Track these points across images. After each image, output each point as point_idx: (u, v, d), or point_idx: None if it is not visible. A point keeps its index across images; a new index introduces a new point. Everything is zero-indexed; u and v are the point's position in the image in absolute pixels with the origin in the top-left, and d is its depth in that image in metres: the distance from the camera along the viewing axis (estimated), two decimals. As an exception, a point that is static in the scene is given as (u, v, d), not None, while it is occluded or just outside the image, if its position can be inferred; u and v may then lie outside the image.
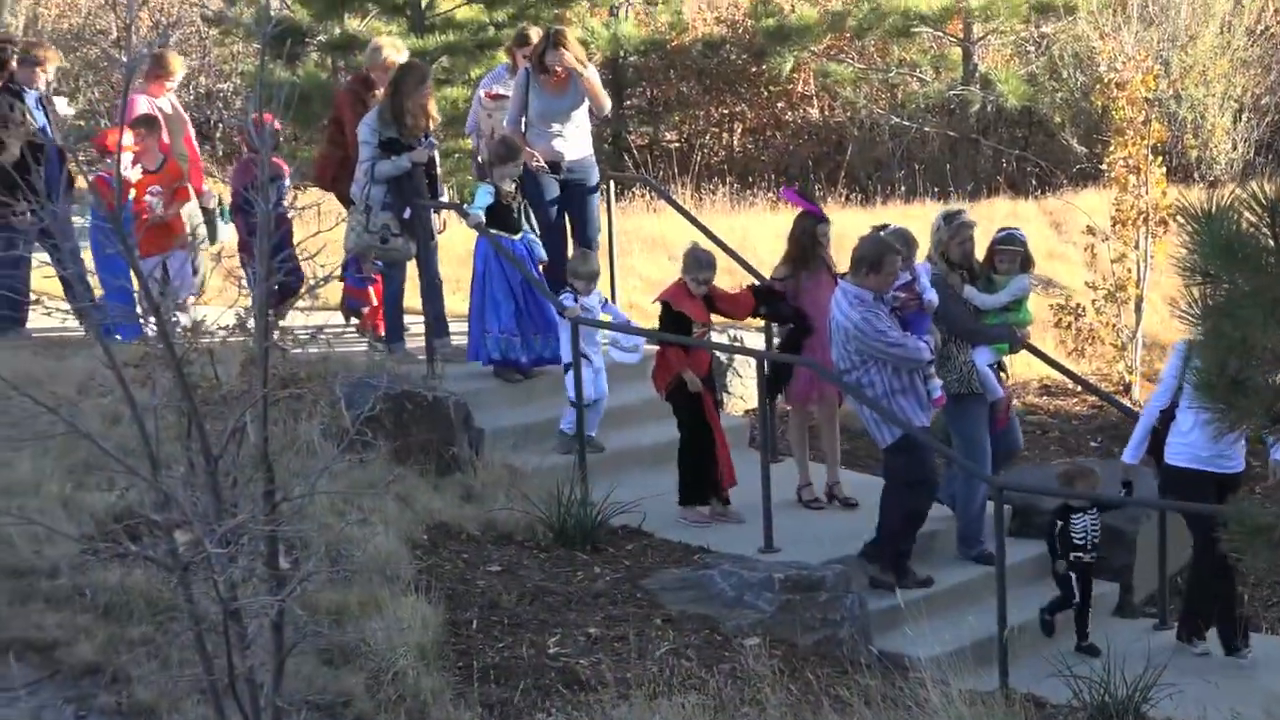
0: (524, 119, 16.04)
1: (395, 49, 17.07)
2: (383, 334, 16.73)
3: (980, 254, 14.47)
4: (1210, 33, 34.07)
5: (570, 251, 16.13)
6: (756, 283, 15.01)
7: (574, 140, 16.11)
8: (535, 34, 16.93)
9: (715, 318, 14.91)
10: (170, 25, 34.87)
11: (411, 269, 16.40)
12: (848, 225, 24.78)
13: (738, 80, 37.32)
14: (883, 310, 13.10)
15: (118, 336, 13.95)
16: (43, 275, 18.84)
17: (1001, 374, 14.44)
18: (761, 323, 16.05)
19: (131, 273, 8.18)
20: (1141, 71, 21.22)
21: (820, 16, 35.03)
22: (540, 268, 15.53)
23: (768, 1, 36.67)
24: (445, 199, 16.69)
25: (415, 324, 16.71)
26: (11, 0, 38.39)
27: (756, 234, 23.56)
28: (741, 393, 17.28)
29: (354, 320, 17.77)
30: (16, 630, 10.28)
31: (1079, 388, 17.91)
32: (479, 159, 16.98)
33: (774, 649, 11.56)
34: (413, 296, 16.67)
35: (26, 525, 10.70)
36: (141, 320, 8.31)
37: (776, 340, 15.33)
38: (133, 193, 16.72)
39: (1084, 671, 11.81)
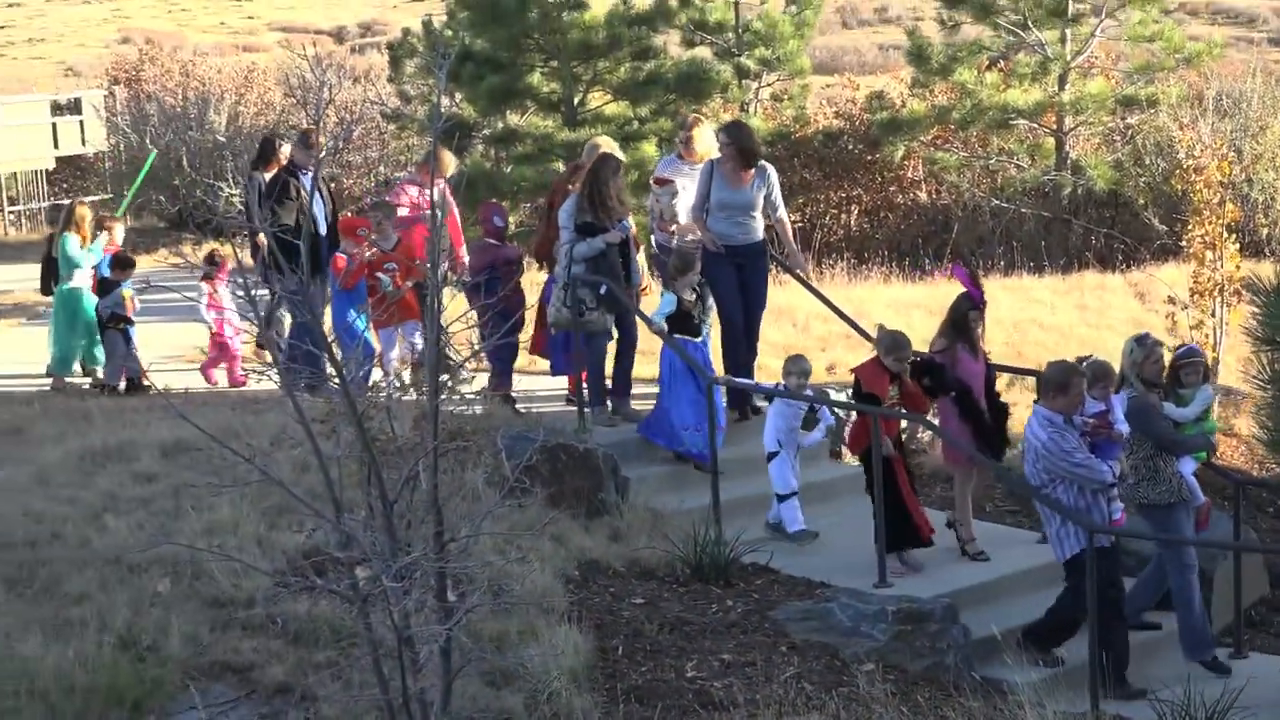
0: (706, 206, 15.89)
1: (611, 147, 17.08)
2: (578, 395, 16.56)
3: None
4: (1279, 123, 33.80)
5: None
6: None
7: (750, 227, 15.95)
8: (690, 120, 16.89)
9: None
10: (354, 121, 35.20)
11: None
12: (955, 298, 24.75)
13: (854, 167, 37.28)
14: (1071, 433, 12.69)
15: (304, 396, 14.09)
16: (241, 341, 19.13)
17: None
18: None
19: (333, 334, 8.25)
20: (1217, 158, 21.08)
21: (928, 110, 35.04)
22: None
23: (881, 97, 36.81)
24: (640, 275, 16.53)
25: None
26: (214, 99, 38.87)
27: (871, 304, 23.51)
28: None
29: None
30: (217, 654, 10.36)
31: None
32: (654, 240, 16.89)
33: (887, 674, 11.49)
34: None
35: (226, 561, 10.82)
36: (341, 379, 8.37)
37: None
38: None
39: (1167, 696, 11.66)
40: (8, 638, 10.12)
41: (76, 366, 19.46)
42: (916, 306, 24.05)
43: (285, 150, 18.87)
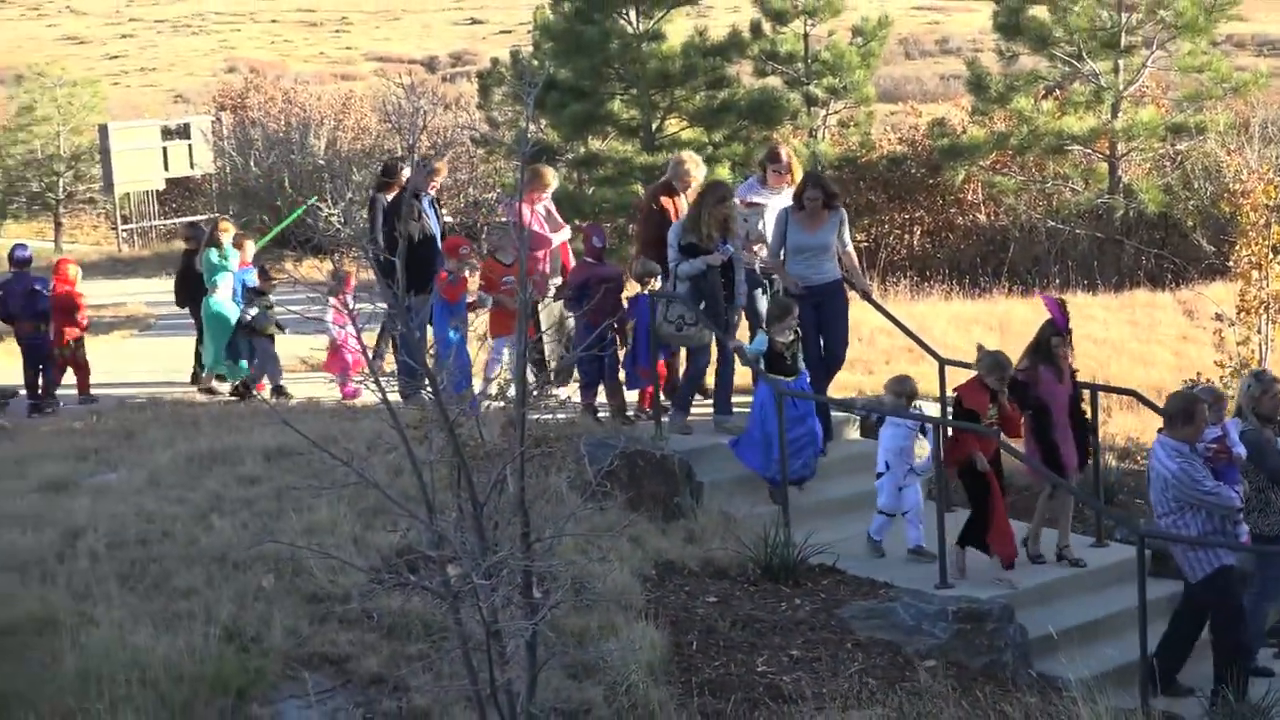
0: (783, 249, 15.88)
1: (695, 163, 17.03)
2: (649, 408, 16.43)
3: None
4: (1322, 149, 33.62)
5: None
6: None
7: (826, 268, 15.91)
8: (784, 152, 16.87)
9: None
10: (446, 145, 35.32)
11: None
12: (1013, 314, 24.65)
13: (917, 190, 37.22)
14: (1198, 461, 12.48)
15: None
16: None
17: None
18: (938, 391, 15.93)
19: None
20: (1263, 182, 20.90)
21: (987, 136, 34.97)
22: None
23: (942, 124, 36.77)
24: (743, 296, 16.39)
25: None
26: (314, 124, 39.10)
27: (932, 319, 23.46)
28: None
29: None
30: (315, 646, 10.41)
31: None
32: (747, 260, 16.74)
33: (947, 670, 11.45)
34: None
35: (325, 559, 10.87)
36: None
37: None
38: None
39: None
40: (121, 629, 10.20)
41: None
42: (976, 322, 24.00)
43: (405, 174, 18.88)
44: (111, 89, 67.28)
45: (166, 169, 40.48)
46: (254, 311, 18.69)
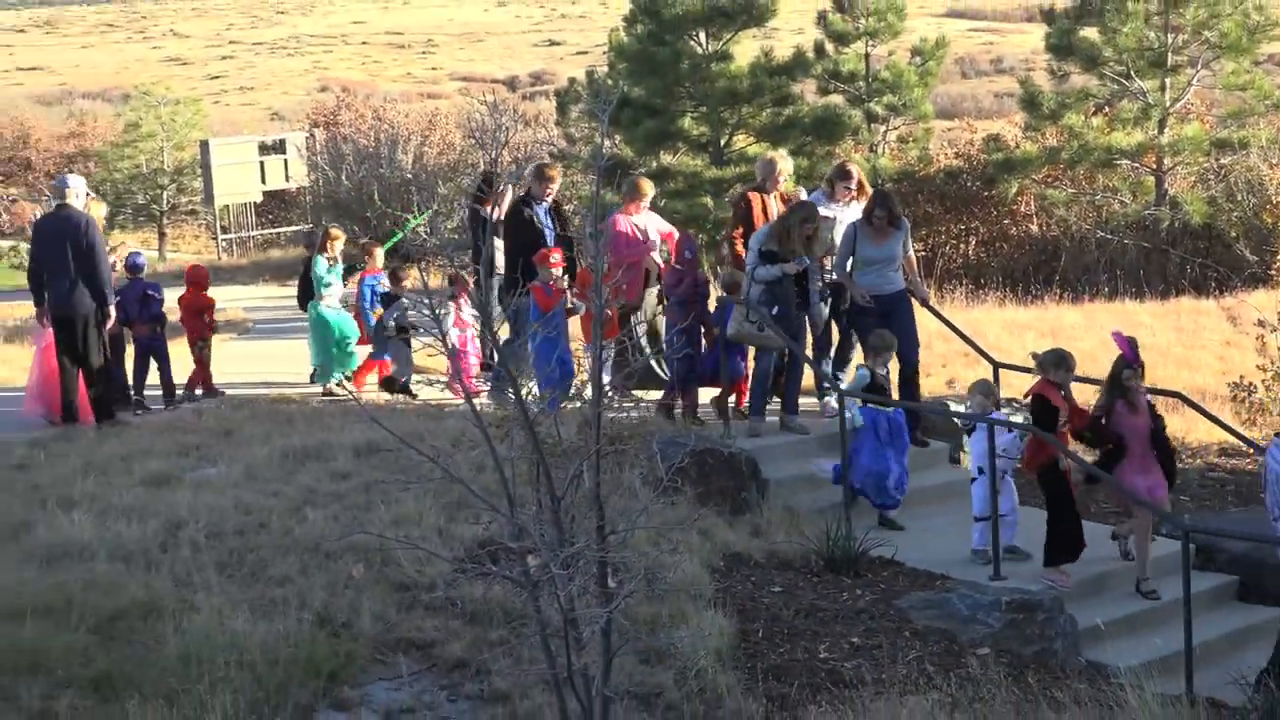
0: (851, 261, 15.91)
1: (782, 158, 17.20)
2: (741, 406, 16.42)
3: None
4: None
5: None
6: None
7: (893, 278, 15.92)
8: (854, 170, 16.86)
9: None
10: (525, 160, 35.45)
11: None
12: (1064, 320, 24.50)
13: (972, 202, 37.09)
14: None
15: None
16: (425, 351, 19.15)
17: None
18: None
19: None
20: (1304, 194, 20.74)
21: (1039, 151, 34.92)
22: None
23: (997, 139, 36.73)
24: (818, 306, 16.28)
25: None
26: (402, 140, 39.26)
27: (987, 325, 23.34)
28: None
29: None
30: (402, 632, 10.45)
31: (1251, 450, 17.45)
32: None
33: (1000, 658, 11.40)
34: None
35: (411, 549, 10.90)
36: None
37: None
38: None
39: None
40: (220, 615, 10.26)
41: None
42: (1029, 328, 23.87)
43: (503, 186, 18.84)
44: (212, 107, 67.77)
45: (263, 182, 40.80)
46: (394, 315, 18.75)
